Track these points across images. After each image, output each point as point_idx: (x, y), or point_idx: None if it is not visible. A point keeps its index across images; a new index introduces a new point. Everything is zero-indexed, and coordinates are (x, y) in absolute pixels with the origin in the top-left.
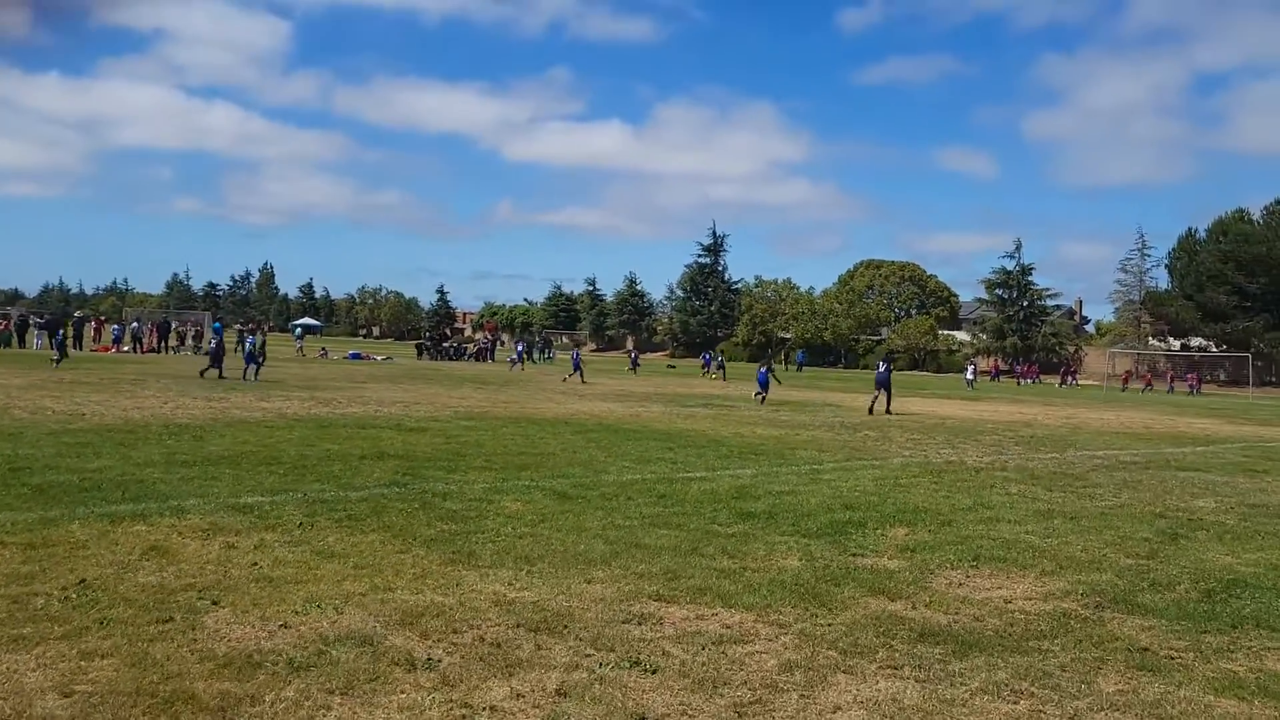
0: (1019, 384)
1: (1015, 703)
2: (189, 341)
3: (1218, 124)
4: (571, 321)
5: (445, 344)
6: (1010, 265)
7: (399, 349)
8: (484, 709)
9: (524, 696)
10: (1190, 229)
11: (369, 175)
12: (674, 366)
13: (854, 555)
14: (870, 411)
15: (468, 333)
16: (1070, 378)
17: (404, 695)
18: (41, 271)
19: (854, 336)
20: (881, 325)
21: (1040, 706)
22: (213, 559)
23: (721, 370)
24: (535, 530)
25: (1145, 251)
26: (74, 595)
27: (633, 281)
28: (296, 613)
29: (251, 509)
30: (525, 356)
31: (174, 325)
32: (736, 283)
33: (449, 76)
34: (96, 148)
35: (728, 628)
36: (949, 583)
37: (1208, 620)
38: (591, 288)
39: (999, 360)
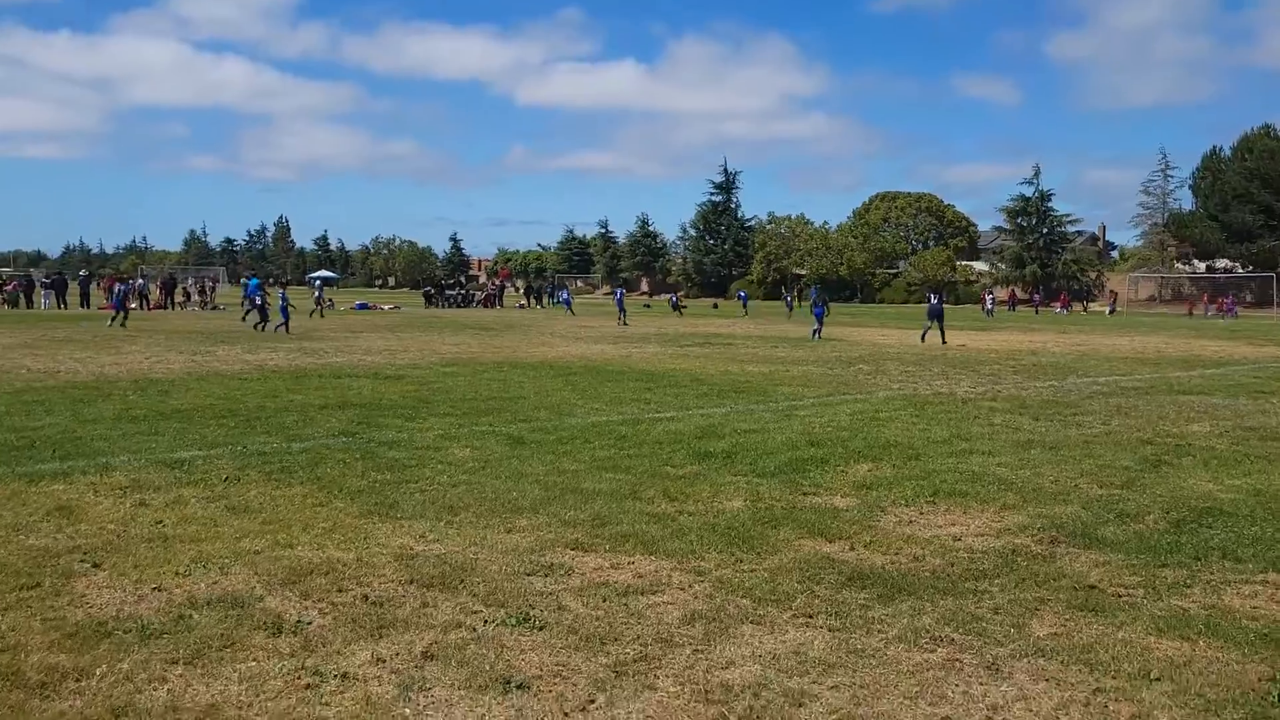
0: (1036, 312)
1: (932, 651)
2: (195, 297)
3: (1245, 39)
4: (585, 265)
5: (451, 291)
6: (1029, 192)
7: (409, 298)
8: (335, 676)
9: (385, 661)
10: (1215, 147)
11: (381, 125)
12: (685, 307)
13: (805, 494)
14: (923, 340)
15: (482, 279)
16: (1112, 306)
17: (253, 663)
18: (63, 232)
19: (870, 270)
20: (898, 258)
21: (958, 654)
22: (117, 518)
23: (790, 307)
24: (473, 478)
25: (1168, 173)
26: None
27: (645, 223)
28: (177, 574)
29: (183, 464)
30: (567, 301)
31: (179, 282)
32: (750, 220)
33: (458, 21)
34: (111, 106)
35: (640, 577)
36: (898, 520)
37: (1170, 553)
38: (604, 230)
39: (1015, 289)
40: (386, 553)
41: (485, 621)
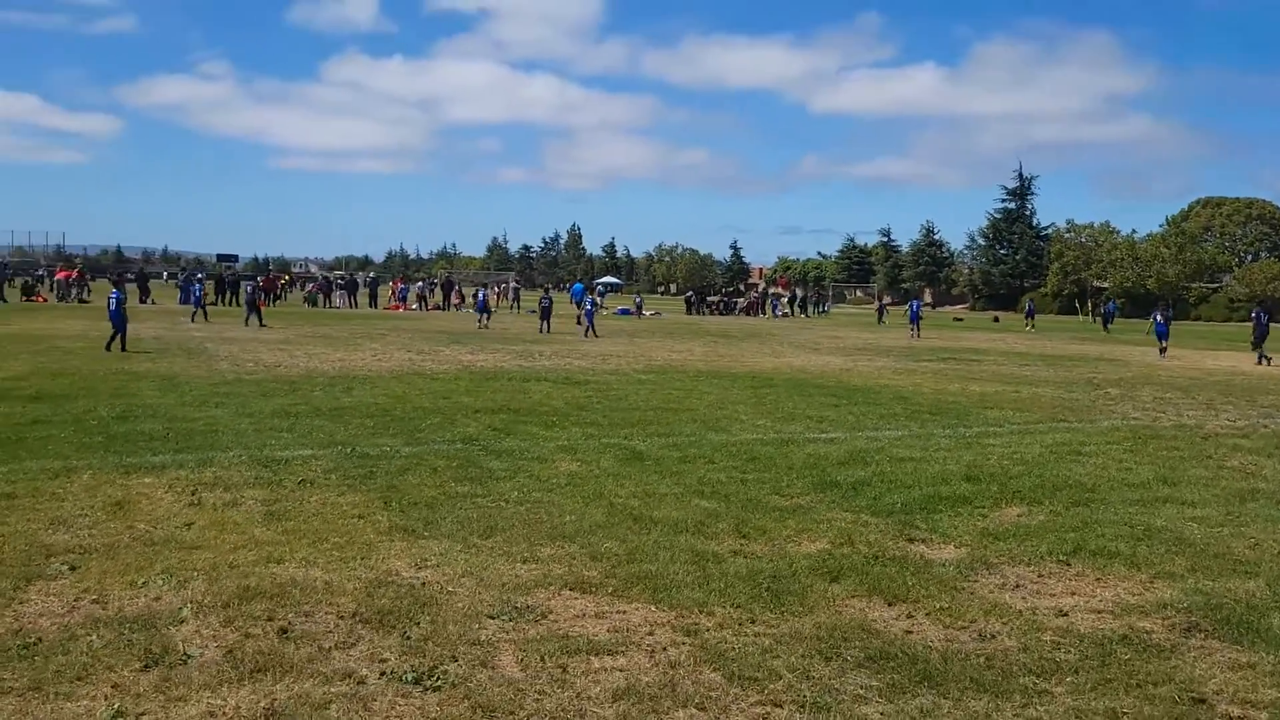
0: None
1: None
2: (468, 300)
3: None
4: (865, 274)
5: (712, 298)
6: None
7: (676, 304)
8: None
9: (215, 717)
10: None
11: (675, 135)
12: (961, 320)
13: (909, 540)
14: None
15: (762, 287)
16: None
17: (79, 704)
18: (387, 239)
19: (1184, 284)
20: (1220, 271)
21: None
22: (155, 516)
23: (1107, 322)
24: (547, 496)
25: None
26: None
27: (929, 230)
28: (133, 584)
29: (282, 463)
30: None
31: (456, 285)
32: (1046, 229)
33: (755, 31)
34: (434, 124)
35: (614, 631)
36: (1001, 584)
37: None
38: (886, 239)
39: None
40: (366, 578)
41: (382, 674)
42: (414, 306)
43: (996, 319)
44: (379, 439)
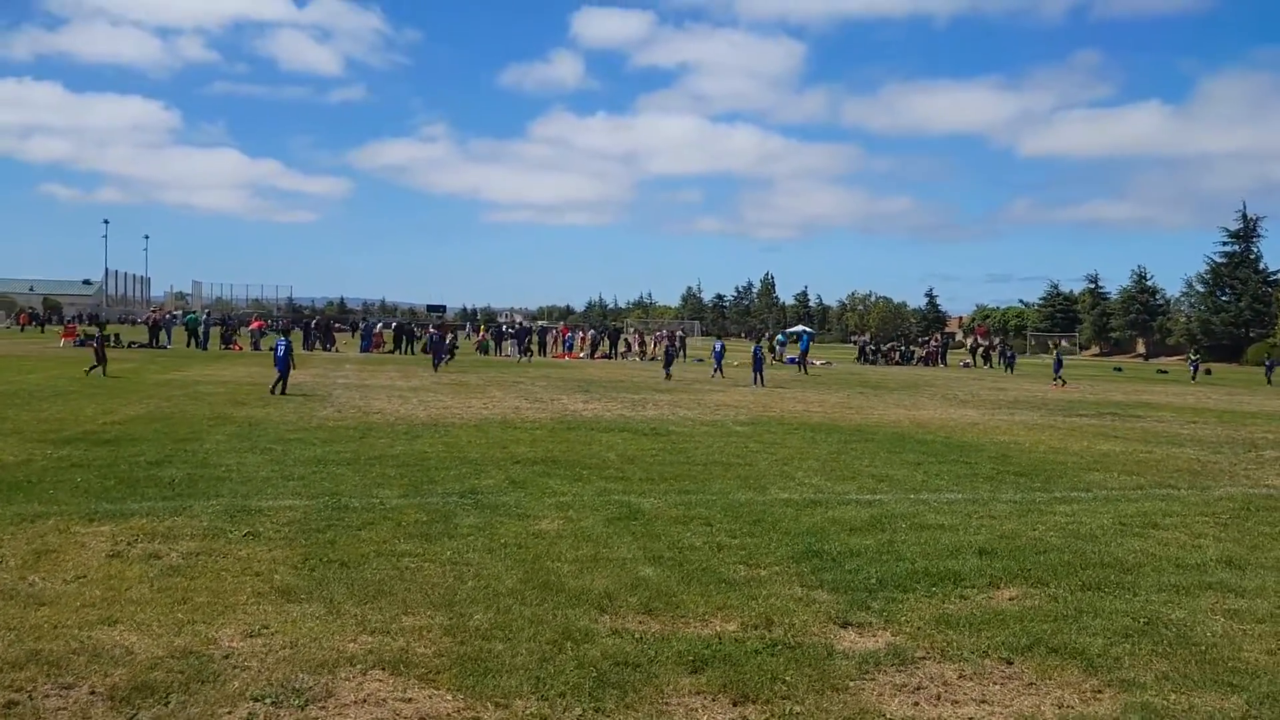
0: None
1: None
2: (634, 348)
3: None
4: (1070, 323)
5: (884, 347)
6: None
7: (844, 353)
8: None
9: None
10: None
11: (877, 183)
12: (1165, 372)
13: (841, 625)
14: None
15: (959, 337)
16: None
17: None
18: (589, 289)
19: None
20: None
21: None
22: (61, 568)
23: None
24: (480, 559)
25: None
26: None
27: (1142, 276)
28: None
29: (248, 514)
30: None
31: (622, 333)
32: (1276, 273)
33: (961, 75)
34: (635, 177)
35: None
36: (900, 685)
37: None
38: (1093, 285)
39: None
40: (175, 645)
41: None
42: (581, 355)
43: (1209, 371)
44: (381, 490)
